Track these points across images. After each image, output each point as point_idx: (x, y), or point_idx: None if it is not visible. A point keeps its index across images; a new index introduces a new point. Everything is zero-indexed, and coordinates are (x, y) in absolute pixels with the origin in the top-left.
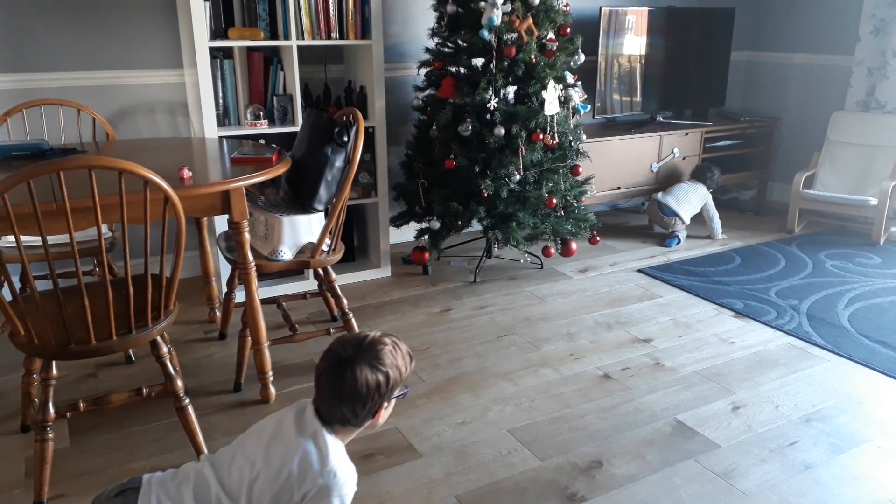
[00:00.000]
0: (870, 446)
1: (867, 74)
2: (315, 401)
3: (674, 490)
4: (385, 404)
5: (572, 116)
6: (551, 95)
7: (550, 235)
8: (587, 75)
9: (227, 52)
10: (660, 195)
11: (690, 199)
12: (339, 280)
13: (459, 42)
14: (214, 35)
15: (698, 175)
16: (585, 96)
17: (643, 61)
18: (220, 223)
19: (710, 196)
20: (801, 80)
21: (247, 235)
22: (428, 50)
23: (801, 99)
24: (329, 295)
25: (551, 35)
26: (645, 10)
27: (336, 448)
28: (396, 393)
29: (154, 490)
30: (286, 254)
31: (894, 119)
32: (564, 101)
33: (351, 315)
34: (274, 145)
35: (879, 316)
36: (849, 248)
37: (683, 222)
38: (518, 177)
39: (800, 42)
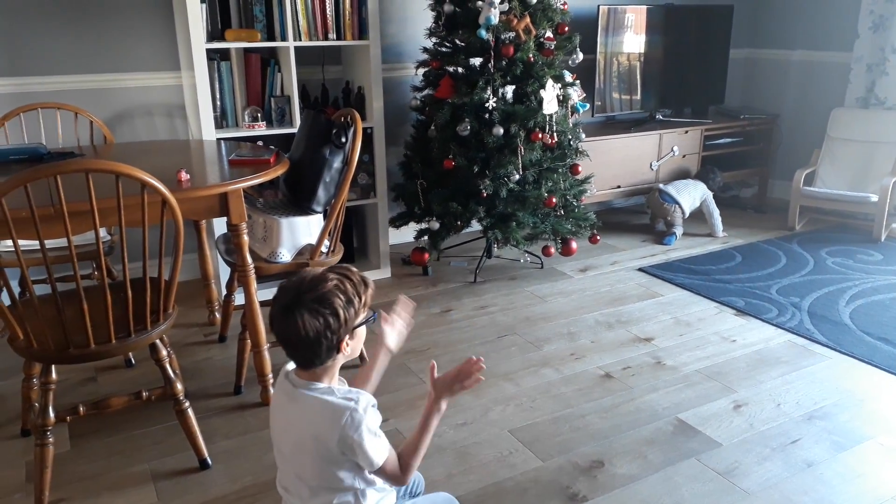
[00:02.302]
0: (872, 443)
1: (866, 71)
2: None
3: (675, 489)
4: (346, 338)
5: (571, 115)
6: (550, 94)
7: (550, 235)
8: (586, 74)
9: (224, 54)
10: (661, 185)
11: (691, 192)
12: None
13: (457, 41)
14: (211, 37)
15: (700, 176)
16: (584, 95)
17: (642, 59)
18: (219, 225)
19: (711, 193)
20: (801, 76)
21: (245, 238)
22: (426, 50)
23: (801, 96)
24: None
25: (549, 34)
26: (643, 7)
27: (326, 391)
28: (359, 321)
29: None
30: (285, 256)
31: (894, 115)
32: (563, 100)
33: None
34: (272, 147)
35: (881, 313)
36: (850, 245)
37: (683, 212)
38: (517, 176)
39: (799, 39)
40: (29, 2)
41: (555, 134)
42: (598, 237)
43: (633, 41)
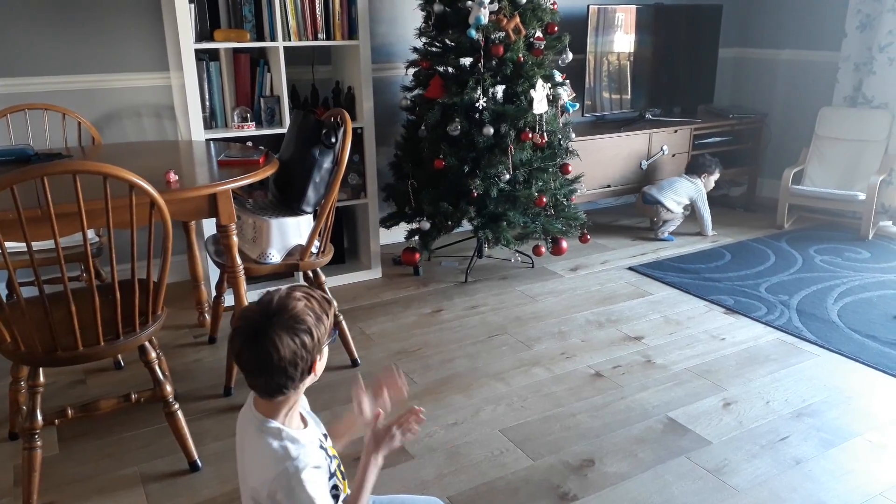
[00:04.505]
0: (860, 440)
1: (854, 70)
2: (248, 384)
3: (665, 487)
4: (318, 357)
5: (561, 115)
6: (540, 94)
7: (541, 234)
8: (576, 73)
9: (213, 55)
10: (645, 187)
11: (676, 189)
12: (330, 282)
13: (447, 41)
14: (200, 37)
15: (694, 168)
16: (574, 94)
17: (632, 59)
18: (209, 226)
19: (704, 192)
20: (789, 76)
21: (235, 239)
22: (416, 50)
23: (789, 95)
24: None
25: (539, 33)
26: (633, 7)
27: (275, 434)
28: (325, 343)
29: None
30: (275, 256)
31: (881, 114)
32: (553, 100)
33: (341, 317)
34: (261, 147)
35: (869, 310)
36: (838, 243)
37: (668, 209)
38: (507, 176)
39: (787, 38)
40: (16, 2)
41: (545, 133)
42: (589, 236)
43: (623, 41)
